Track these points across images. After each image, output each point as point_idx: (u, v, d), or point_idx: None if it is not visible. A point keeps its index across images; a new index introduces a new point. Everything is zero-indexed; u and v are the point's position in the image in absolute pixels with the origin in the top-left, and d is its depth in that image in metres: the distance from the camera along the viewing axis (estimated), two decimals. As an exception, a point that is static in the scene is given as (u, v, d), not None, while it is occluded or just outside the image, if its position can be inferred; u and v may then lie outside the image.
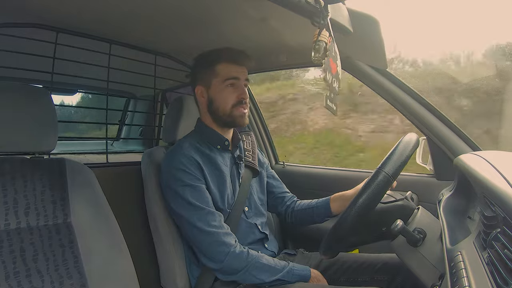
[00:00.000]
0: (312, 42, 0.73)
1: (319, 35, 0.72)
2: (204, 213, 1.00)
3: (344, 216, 0.82)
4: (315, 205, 1.21)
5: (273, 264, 1.00)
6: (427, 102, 1.21)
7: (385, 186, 0.80)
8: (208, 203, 1.02)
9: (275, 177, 1.33)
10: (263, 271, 0.98)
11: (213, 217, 1.00)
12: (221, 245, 0.98)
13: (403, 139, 0.87)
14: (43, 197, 0.86)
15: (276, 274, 0.98)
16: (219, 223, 1.00)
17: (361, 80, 1.29)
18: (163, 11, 1.00)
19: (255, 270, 0.98)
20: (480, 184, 0.67)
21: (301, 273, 1.01)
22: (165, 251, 1.11)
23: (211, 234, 0.98)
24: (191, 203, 1.00)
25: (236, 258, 0.97)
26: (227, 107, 1.08)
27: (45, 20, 1.07)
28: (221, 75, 1.08)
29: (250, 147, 1.24)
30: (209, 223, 0.99)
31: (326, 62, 0.74)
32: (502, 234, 0.55)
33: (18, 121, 0.84)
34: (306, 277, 1.01)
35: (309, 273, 1.01)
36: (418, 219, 0.87)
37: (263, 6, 0.87)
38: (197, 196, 1.01)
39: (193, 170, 1.03)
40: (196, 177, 1.03)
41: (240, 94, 1.08)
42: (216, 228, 0.99)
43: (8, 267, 0.76)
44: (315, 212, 1.21)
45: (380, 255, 1.11)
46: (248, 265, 0.97)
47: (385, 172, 0.80)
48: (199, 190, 1.02)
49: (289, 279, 0.99)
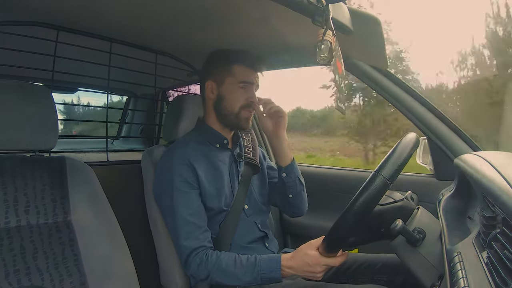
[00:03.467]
0: (316, 42, 0.73)
1: (324, 34, 0.72)
2: (185, 221, 1.01)
3: (341, 219, 0.82)
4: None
5: (234, 269, 0.96)
6: (428, 102, 1.21)
7: (382, 190, 0.79)
8: (194, 211, 1.02)
9: (274, 168, 1.29)
10: (226, 276, 0.96)
11: (194, 226, 1.01)
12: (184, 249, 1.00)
13: (402, 140, 0.86)
14: (43, 195, 0.86)
15: (241, 278, 0.95)
16: (198, 229, 1.01)
17: (361, 79, 1.29)
18: (165, 10, 0.99)
19: (219, 276, 0.96)
20: (480, 185, 0.67)
21: (270, 275, 0.94)
22: (164, 250, 1.11)
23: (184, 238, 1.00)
24: (175, 208, 1.02)
25: (196, 266, 0.98)
26: (236, 107, 1.09)
27: (46, 18, 1.07)
28: (236, 76, 1.08)
29: (250, 144, 1.24)
30: (186, 228, 1.01)
31: (333, 64, 0.74)
32: (502, 234, 0.55)
33: (18, 119, 0.84)
34: (277, 276, 0.94)
35: (278, 269, 0.93)
36: (418, 219, 0.87)
37: (264, 6, 0.87)
38: (184, 203, 1.02)
39: (186, 174, 1.03)
40: (188, 183, 1.03)
41: (250, 97, 1.09)
42: (191, 234, 1.00)
43: (8, 265, 0.76)
44: (279, 183, 1.18)
45: (380, 255, 1.11)
46: (210, 271, 0.97)
47: (383, 176, 0.79)
48: (188, 197, 1.03)
49: (261, 282, 0.95)
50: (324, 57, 0.72)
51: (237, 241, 1.06)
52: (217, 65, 1.11)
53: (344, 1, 0.87)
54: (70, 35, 1.14)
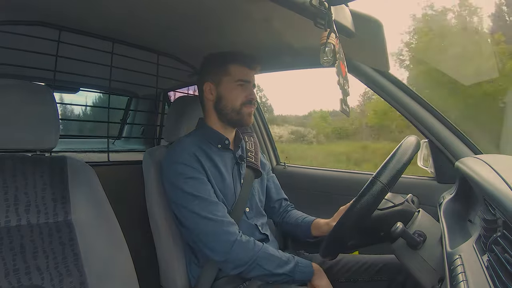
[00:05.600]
0: (320, 44, 0.73)
1: (328, 37, 0.72)
2: (207, 203, 0.99)
3: (341, 223, 0.83)
4: (300, 223, 1.23)
5: (279, 255, 1.00)
6: (429, 105, 1.21)
7: (380, 196, 0.79)
8: (211, 195, 1.02)
9: (275, 182, 1.34)
10: (270, 261, 0.97)
11: (216, 207, 1.00)
12: (226, 234, 0.96)
13: (402, 144, 0.85)
14: (43, 195, 0.86)
15: (282, 266, 0.97)
16: (223, 213, 1.00)
17: (363, 82, 1.29)
18: (166, 11, 1.00)
19: (263, 260, 0.97)
20: (481, 188, 0.67)
21: (305, 270, 0.99)
22: (165, 250, 1.11)
23: (215, 223, 0.97)
24: (194, 194, 1.00)
25: (242, 248, 0.96)
26: (236, 104, 1.09)
27: (48, 18, 1.08)
28: (232, 75, 1.09)
29: (253, 148, 1.25)
30: (212, 213, 0.98)
31: (337, 66, 0.74)
32: (502, 238, 0.55)
33: (20, 119, 0.84)
34: (310, 274, 1.00)
35: (312, 269, 1.00)
36: (419, 222, 0.87)
37: (266, 8, 0.87)
38: (199, 188, 1.01)
39: (194, 164, 1.03)
40: (198, 170, 1.03)
41: (249, 95, 1.10)
42: (221, 217, 0.98)
43: (8, 264, 0.76)
44: (298, 230, 1.23)
45: (381, 256, 1.11)
46: (255, 255, 0.96)
47: (380, 181, 0.79)
48: (201, 182, 1.02)
49: (294, 275, 0.98)
50: (327, 59, 0.73)
51: None
52: (214, 66, 1.12)
53: (346, 4, 0.87)
54: (72, 35, 1.14)
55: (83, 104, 2.36)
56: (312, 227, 1.19)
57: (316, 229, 1.18)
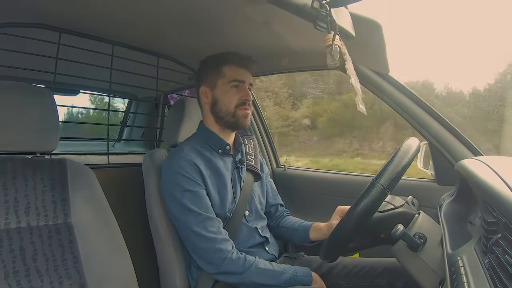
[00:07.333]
0: (325, 47, 0.73)
1: (333, 39, 0.72)
2: (202, 219, 1.00)
3: (341, 225, 0.82)
4: (297, 227, 1.23)
5: (272, 268, 1.00)
6: (429, 107, 1.21)
7: (380, 198, 0.79)
8: (207, 209, 1.02)
9: (273, 187, 1.34)
10: (263, 275, 0.99)
11: (212, 222, 1.00)
12: (218, 251, 0.98)
13: (402, 146, 0.85)
14: (43, 197, 0.86)
15: (277, 277, 0.99)
16: (217, 229, 1.01)
17: (362, 84, 1.29)
18: (167, 14, 1.00)
19: (255, 275, 0.98)
20: (481, 189, 0.67)
21: (304, 279, 1.00)
22: (164, 253, 1.11)
23: (209, 240, 0.98)
24: (190, 208, 1.00)
25: (232, 264, 0.98)
26: (231, 107, 1.09)
27: (48, 20, 1.08)
28: (227, 76, 1.09)
29: (252, 151, 1.25)
30: (207, 229, 0.99)
31: (347, 67, 0.75)
32: (503, 239, 0.55)
33: (20, 121, 0.84)
34: (308, 283, 1.00)
35: (311, 278, 1.01)
36: (419, 224, 0.86)
37: (266, 10, 0.87)
38: (196, 202, 1.01)
39: (193, 175, 1.03)
40: (196, 182, 1.03)
41: (244, 96, 1.10)
42: (214, 234, 0.99)
43: (7, 266, 0.76)
44: (295, 234, 1.23)
45: (381, 260, 1.11)
46: (246, 271, 0.98)
47: (380, 184, 0.79)
48: (198, 195, 1.02)
49: (293, 284, 0.99)
50: (335, 61, 0.73)
51: (238, 246, 1.05)
52: (208, 69, 1.12)
53: (346, 6, 0.87)
54: (72, 37, 1.15)
55: (83, 107, 2.36)
56: (311, 230, 1.19)
57: (315, 232, 1.18)
